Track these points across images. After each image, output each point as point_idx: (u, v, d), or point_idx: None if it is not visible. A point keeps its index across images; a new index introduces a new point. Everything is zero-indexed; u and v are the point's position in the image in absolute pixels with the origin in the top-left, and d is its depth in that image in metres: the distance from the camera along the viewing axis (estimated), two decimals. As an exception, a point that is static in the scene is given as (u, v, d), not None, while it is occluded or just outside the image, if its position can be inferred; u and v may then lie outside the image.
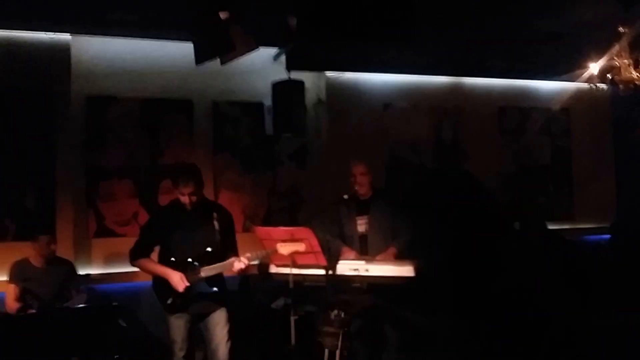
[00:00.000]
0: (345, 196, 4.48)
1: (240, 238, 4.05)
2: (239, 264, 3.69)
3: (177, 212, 3.86)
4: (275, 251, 3.70)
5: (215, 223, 3.77)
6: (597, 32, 4.62)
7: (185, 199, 3.77)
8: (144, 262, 3.87)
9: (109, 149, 5.30)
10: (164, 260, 3.84)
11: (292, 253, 3.69)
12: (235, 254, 3.82)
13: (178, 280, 3.71)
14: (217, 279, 3.83)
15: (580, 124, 7.20)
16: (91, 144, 5.25)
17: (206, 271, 3.74)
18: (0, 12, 4.65)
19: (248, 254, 3.74)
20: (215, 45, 4.14)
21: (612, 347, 1.33)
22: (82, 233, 5.17)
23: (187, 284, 3.72)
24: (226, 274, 3.87)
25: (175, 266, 3.77)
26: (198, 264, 3.75)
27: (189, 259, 3.77)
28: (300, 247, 3.66)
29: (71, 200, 5.08)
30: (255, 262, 3.97)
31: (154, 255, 3.93)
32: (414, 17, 3.87)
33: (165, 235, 3.85)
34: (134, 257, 3.88)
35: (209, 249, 3.77)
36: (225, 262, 3.74)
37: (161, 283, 3.79)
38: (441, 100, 6.55)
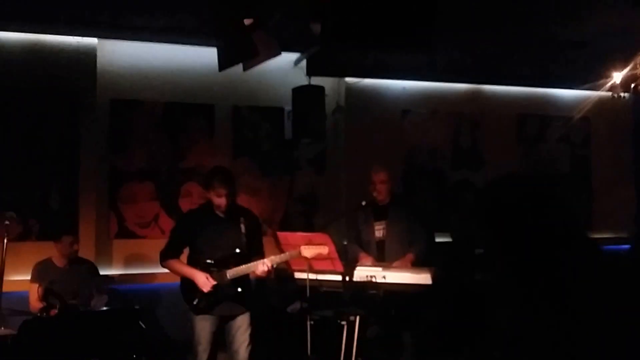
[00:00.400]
0: (363, 202, 4.51)
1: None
2: (262, 266, 3.71)
3: (207, 215, 3.91)
4: (299, 253, 3.73)
5: (242, 226, 3.80)
6: (621, 41, 4.60)
7: (221, 201, 3.80)
8: (172, 262, 3.91)
9: (132, 151, 5.34)
10: (192, 262, 3.88)
11: (314, 256, 3.72)
12: (262, 257, 3.83)
13: (204, 281, 3.74)
14: (244, 282, 3.85)
15: (600, 132, 7.11)
16: (114, 147, 5.30)
17: (232, 273, 3.76)
18: (28, 16, 4.75)
19: (272, 257, 3.78)
20: (239, 50, 4.18)
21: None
22: (104, 234, 5.22)
23: (213, 285, 3.75)
24: (251, 276, 3.89)
25: (202, 267, 3.81)
26: (225, 266, 3.78)
27: (217, 261, 3.80)
28: (324, 250, 3.68)
29: (94, 202, 5.14)
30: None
31: (184, 257, 3.97)
32: (435, 24, 3.87)
33: (194, 236, 3.90)
34: (164, 258, 3.93)
35: (237, 251, 3.80)
36: (250, 264, 3.76)
37: (188, 284, 3.82)
38: (460, 107, 6.53)
